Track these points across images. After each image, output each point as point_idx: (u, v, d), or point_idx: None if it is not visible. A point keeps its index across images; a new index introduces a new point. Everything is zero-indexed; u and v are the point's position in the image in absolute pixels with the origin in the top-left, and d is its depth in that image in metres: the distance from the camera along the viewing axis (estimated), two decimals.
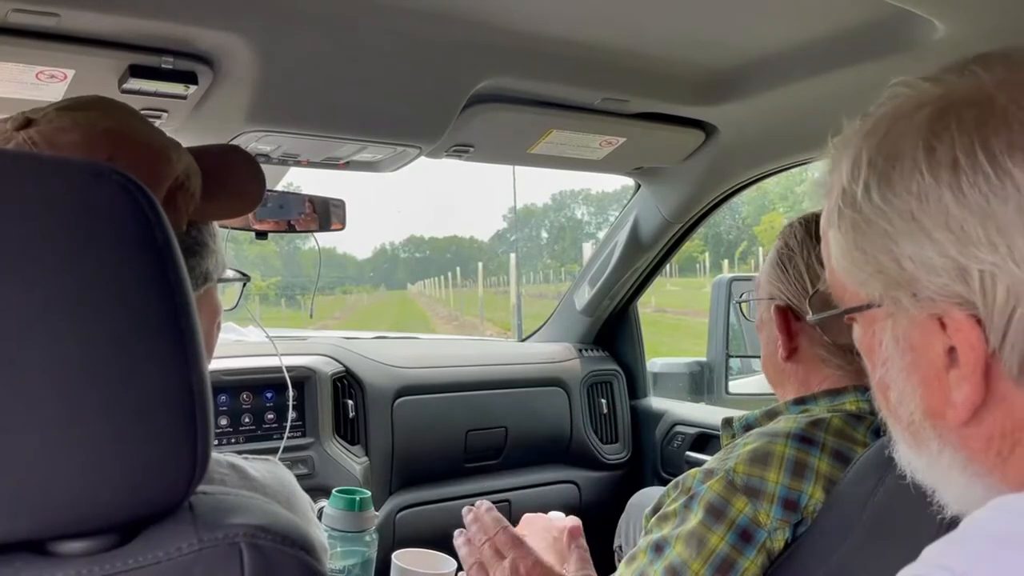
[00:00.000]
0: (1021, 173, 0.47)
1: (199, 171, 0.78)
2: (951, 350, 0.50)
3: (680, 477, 1.11)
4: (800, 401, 1.15)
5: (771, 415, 1.17)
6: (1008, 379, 0.49)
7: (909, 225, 0.51)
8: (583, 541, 1.19)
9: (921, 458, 0.56)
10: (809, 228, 1.14)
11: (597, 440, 2.28)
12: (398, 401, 1.98)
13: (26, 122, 0.70)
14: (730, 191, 1.98)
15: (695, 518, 1.03)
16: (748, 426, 1.19)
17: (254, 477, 0.76)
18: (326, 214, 1.70)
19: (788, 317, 1.15)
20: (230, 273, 0.88)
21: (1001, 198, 0.47)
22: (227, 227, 1.59)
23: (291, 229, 1.67)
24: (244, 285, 0.94)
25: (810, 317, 1.10)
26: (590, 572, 1.14)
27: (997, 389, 0.50)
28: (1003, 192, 0.47)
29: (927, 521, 0.61)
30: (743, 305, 1.32)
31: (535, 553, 1.11)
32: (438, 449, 2.04)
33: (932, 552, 0.46)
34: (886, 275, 0.53)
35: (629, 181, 2.15)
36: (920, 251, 0.50)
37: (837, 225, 0.56)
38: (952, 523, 0.50)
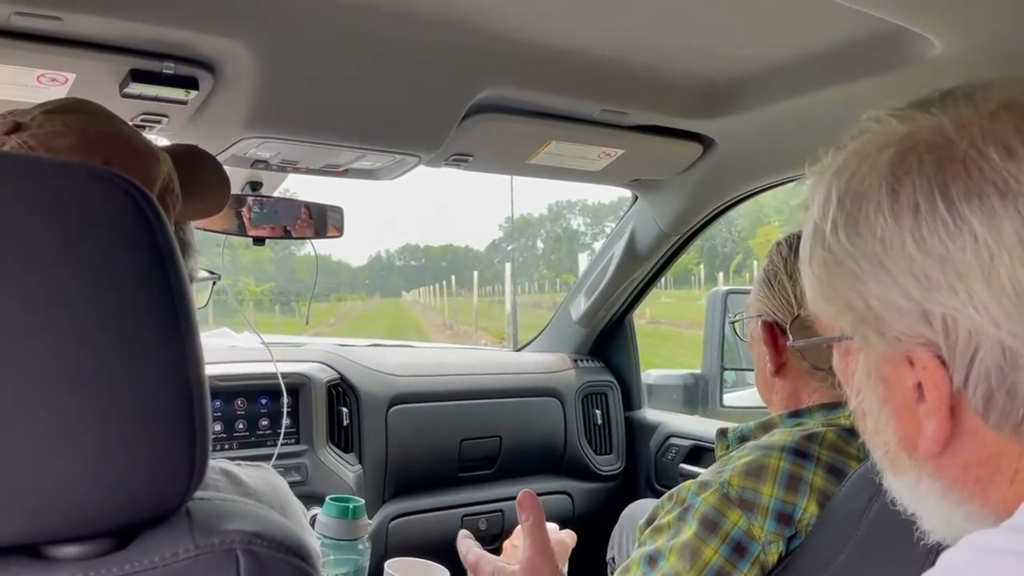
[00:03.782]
0: (977, 220, 0.48)
1: (176, 172, 0.78)
2: (919, 385, 0.51)
3: (675, 489, 1.12)
4: (795, 414, 1.16)
5: (766, 427, 1.17)
6: (976, 415, 0.50)
7: (875, 268, 0.52)
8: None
9: (901, 484, 0.58)
10: (793, 246, 1.16)
11: (591, 451, 2.28)
12: (392, 409, 1.97)
13: (15, 126, 0.70)
14: (727, 204, 1.99)
15: (689, 530, 1.03)
16: (743, 438, 1.19)
17: (247, 483, 0.76)
18: (323, 220, 1.70)
19: (775, 332, 1.16)
20: (202, 272, 0.89)
21: (959, 245, 0.48)
22: (221, 232, 1.60)
23: (287, 235, 1.67)
24: (213, 284, 0.94)
25: (791, 343, 1.12)
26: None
27: (967, 423, 0.51)
28: (961, 240, 0.48)
29: (920, 537, 0.62)
30: (736, 324, 1.34)
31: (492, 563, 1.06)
32: (432, 458, 2.03)
33: None
34: (855, 312, 0.54)
35: (626, 192, 2.16)
36: (886, 293, 0.51)
37: (809, 262, 0.57)
38: (940, 545, 0.50)
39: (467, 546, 1.09)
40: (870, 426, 0.58)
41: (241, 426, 1.76)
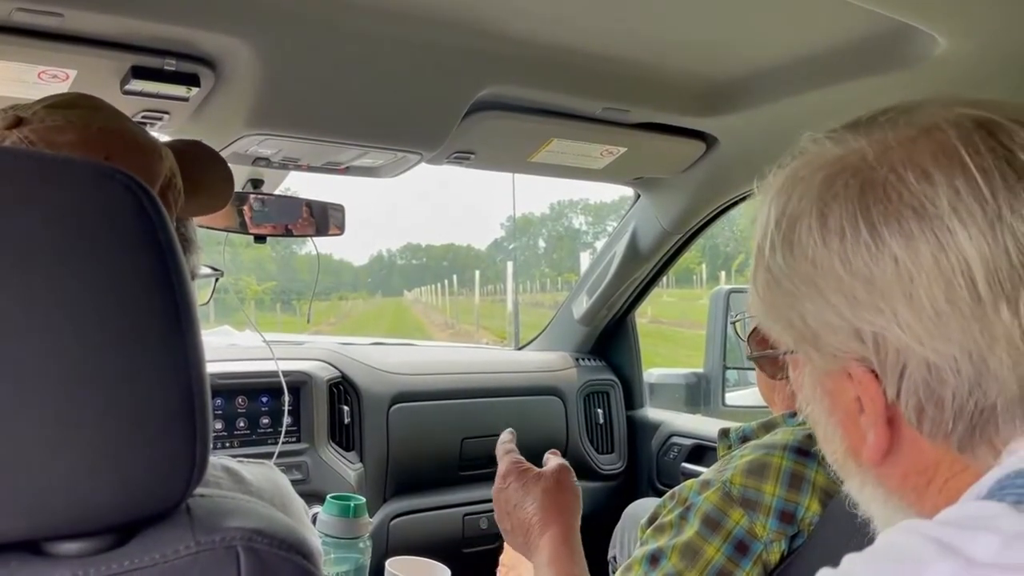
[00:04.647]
0: (896, 243, 0.50)
1: (178, 168, 0.78)
2: (859, 398, 0.54)
3: (677, 488, 1.12)
4: (797, 413, 1.15)
5: (768, 427, 1.17)
6: (912, 426, 0.52)
7: (809, 288, 0.54)
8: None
9: (851, 488, 0.60)
10: None
11: (593, 450, 2.27)
12: (394, 408, 1.97)
13: (17, 120, 0.69)
14: (729, 202, 1.98)
15: (691, 529, 1.03)
16: (745, 438, 1.19)
17: (249, 481, 0.75)
18: (324, 219, 1.70)
19: None
20: (204, 269, 0.89)
21: (881, 267, 0.51)
22: (222, 229, 1.60)
23: (288, 233, 1.67)
24: (216, 280, 0.94)
25: (748, 355, 1.13)
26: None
27: (905, 434, 0.53)
28: (882, 262, 0.51)
29: None
30: (737, 324, 1.35)
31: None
32: (433, 456, 2.03)
33: (847, 561, 0.48)
34: (795, 330, 0.56)
35: (628, 191, 2.15)
36: (820, 312, 0.54)
37: (754, 281, 0.60)
38: None
39: (505, 441, 1.11)
40: (820, 435, 0.60)
41: (242, 424, 1.76)
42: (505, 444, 1.11)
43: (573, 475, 1.05)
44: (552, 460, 1.08)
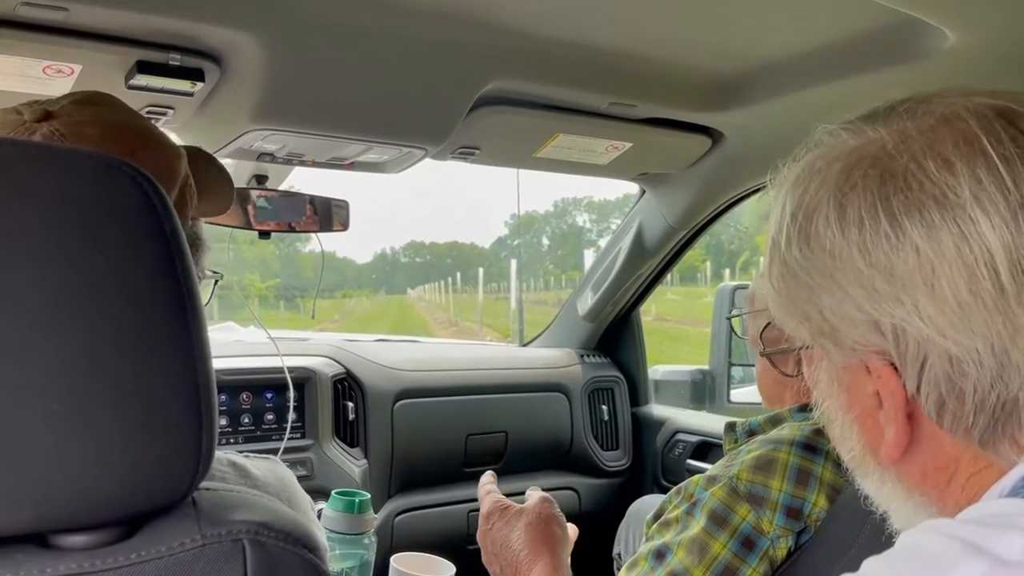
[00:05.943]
0: (918, 233, 0.49)
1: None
2: (878, 392, 0.53)
3: (683, 483, 1.11)
4: (804, 408, 1.15)
5: (775, 421, 1.17)
6: (932, 420, 0.51)
7: (827, 281, 0.53)
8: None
9: (868, 485, 0.59)
10: None
11: (597, 447, 2.27)
12: (398, 404, 1.97)
13: (45, 114, 0.71)
14: (735, 198, 1.98)
15: (697, 525, 1.03)
16: (751, 432, 1.19)
17: (255, 475, 0.75)
18: (327, 215, 1.69)
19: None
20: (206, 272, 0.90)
21: (902, 258, 0.50)
22: (226, 225, 1.60)
23: (291, 230, 1.67)
24: (216, 283, 0.95)
25: (761, 352, 1.12)
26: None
27: (925, 429, 0.52)
28: (903, 252, 0.50)
29: None
30: (735, 321, 1.33)
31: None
32: (438, 453, 2.03)
33: (866, 564, 0.47)
34: (812, 323, 0.55)
35: (632, 189, 2.15)
36: (838, 305, 0.53)
37: (769, 275, 0.59)
38: None
39: (486, 483, 1.11)
40: (836, 432, 0.60)
41: (247, 420, 1.76)
42: (486, 485, 1.10)
43: (556, 506, 1.04)
44: (533, 495, 1.07)
